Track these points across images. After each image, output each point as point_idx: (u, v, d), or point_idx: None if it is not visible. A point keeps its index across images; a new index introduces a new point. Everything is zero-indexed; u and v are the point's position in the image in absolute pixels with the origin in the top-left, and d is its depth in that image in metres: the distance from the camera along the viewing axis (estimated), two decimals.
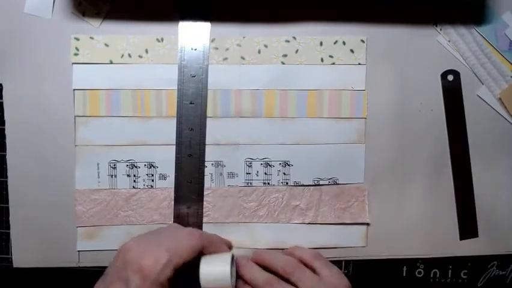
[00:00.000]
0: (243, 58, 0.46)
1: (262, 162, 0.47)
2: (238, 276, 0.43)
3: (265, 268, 0.43)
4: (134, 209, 0.46)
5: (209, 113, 0.46)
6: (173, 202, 0.47)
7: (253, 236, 0.47)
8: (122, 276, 0.36)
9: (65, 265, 0.47)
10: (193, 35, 0.46)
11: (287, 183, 0.47)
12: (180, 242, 0.38)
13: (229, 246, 0.46)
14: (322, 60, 0.46)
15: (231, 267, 0.40)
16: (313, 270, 0.42)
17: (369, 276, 0.49)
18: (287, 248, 0.47)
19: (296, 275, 0.41)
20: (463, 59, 0.47)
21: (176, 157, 0.46)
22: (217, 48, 0.46)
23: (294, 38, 0.46)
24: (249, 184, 0.47)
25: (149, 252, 0.36)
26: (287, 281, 0.41)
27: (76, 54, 0.45)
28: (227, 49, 0.46)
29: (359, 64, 0.47)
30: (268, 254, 0.44)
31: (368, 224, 0.48)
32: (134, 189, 0.47)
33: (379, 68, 0.47)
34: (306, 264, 0.43)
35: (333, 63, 0.47)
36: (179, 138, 0.46)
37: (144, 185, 0.47)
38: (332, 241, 0.48)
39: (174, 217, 0.47)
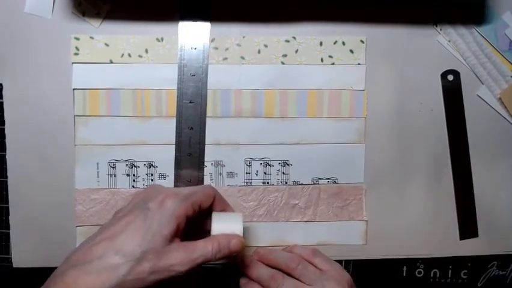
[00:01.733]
0: (242, 58, 0.46)
1: (261, 162, 0.47)
2: (244, 274, 0.43)
3: (269, 265, 0.43)
4: None
5: (209, 112, 0.46)
6: None
7: (252, 235, 0.47)
8: (141, 207, 0.37)
9: None
10: (193, 35, 0.46)
11: (286, 182, 0.47)
12: (197, 188, 0.40)
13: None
14: (322, 60, 0.47)
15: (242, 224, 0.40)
16: (315, 267, 0.43)
17: (369, 276, 0.49)
18: (286, 246, 0.47)
19: (299, 270, 0.42)
20: (463, 59, 0.47)
21: (176, 156, 0.46)
22: (217, 48, 0.46)
23: (294, 38, 0.46)
24: (249, 184, 0.47)
25: (169, 190, 0.38)
26: (291, 276, 0.42)
27: (76, 54, 0.45)
28: (227, 49, 0.46)
29: (359, 64, 0.47)
30: (270, 251, 0.45)
31: (366, 221, 0.48)
32: (133, 189, 0.47)
33: (379, 68, 0.47)
34: (307, 261, 0.44)
35: (333, 63, 0.47)
36: (179, 137, 0.46)
37: (144, 184, 0.47)
38: (331, 239, 0.48)
39: None
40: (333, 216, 0.48)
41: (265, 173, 0.47)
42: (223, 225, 0.39)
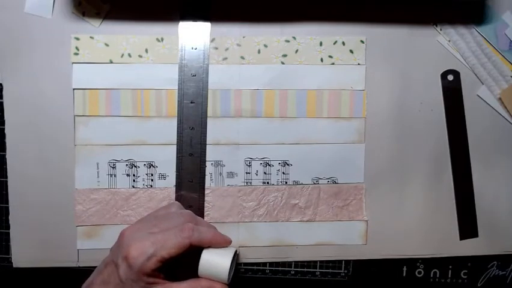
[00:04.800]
0: (242, 58, 0.46)
1: (261, 162, 0.47)
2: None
3: None
4: (134, 208, 0.46)
5: (209, 112, 0.46)
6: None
7: (252, 235, 0.47)
8: (115, 260, 0.38)
9: (64, 265, 0.47)
10: (193, 35, 0.46)
11: (286, 182, 0.47)
12: (168, 237, 0.38)
13: (228, 242, 0.43)
14: (322, 60, 0.47)
15: (231, 263, 0.40)
16: None
17: (369, 276, 0.49)
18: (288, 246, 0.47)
19: None
20: (463, 59, 0.47)
21: (177, 156, 0.46)
22: (216, 48, 0.46)
23: (294, 38, 0.46)
24: (249, 183, 0.47)
25: (137, 242, 0.37)
26: None
27: (76, 54, 0.45)
28: (227, 49, 0.46)
29: (359, 64, 0.47)
30: None
31: (366, 221, 0.48)
32: (133, 189, 0.47)
33: (379, 68, 0.47)
34: None
35: (333, 64, 0.47)
36: (180, 138, 0.46)
37: (144, 184, 0.47)
38: (331, 239, 0.48)
39: None
40: (333, 216, 0.48)
41: (265, 173, 0.47)
42: (211, 260, 0.39)
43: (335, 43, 0.46)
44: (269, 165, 0.47)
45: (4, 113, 0.45)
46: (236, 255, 0.42)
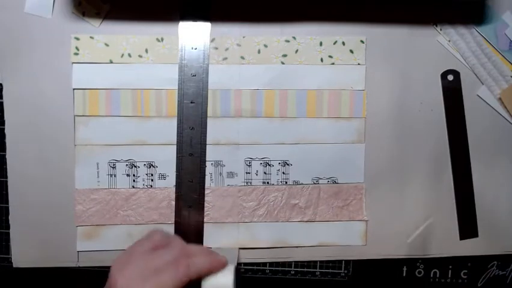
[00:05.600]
0: (242, 58, 0.46)
1: (261, 162, 0.47)
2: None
3: None
4: (134, 208, 0.46)
5: (209, 112, 0.46)
6: (172, 202, 0.47)
7: (252, 235, 0.47)
8: None
9: (64, 265, 0.47)
10: (193, 35, 0.46)
11: (286, 182, 0.47)
12: (165, 279, 0.36)
13: (225, 264, 0.40)
14: (322, 60, 0.47)
15: (234, 280, 0.39)
16: None
17: (369, 276, 0.49)
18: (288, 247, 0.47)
19: None
20: (463, 59, 0.47)
21: (177, 156, 0.46)
22: (216, 48, 0.46)
23: (294, 38, 0.46)
24: (249, 183, 0.47)
25: (131, 279, 0.35)
26: None
27: (76, 54, 0.45)
28: (227, 49, 0.46)
29: (359, 64, 0.47)
30: None
31: (366, 222, 0.48)
32: (133, 189, 0.47)
33: (379, 68, 0.47)
34: None
35: (333, 64, 0.47)
36: (180, 138, 0.46)
37: (143, 184, 0.47)
38: (331, 239, 0.48)
39: (175, 217, 0.47)
40: (333, 216, 0.48)
41: (265, 173, 0.47)
42: (213, 281, 0.38)
43: (335, 43, 0.46)
44: (269, 165, 0.47)
45: (4, 113, 0.45)
46: (236, 271, 0.41)
